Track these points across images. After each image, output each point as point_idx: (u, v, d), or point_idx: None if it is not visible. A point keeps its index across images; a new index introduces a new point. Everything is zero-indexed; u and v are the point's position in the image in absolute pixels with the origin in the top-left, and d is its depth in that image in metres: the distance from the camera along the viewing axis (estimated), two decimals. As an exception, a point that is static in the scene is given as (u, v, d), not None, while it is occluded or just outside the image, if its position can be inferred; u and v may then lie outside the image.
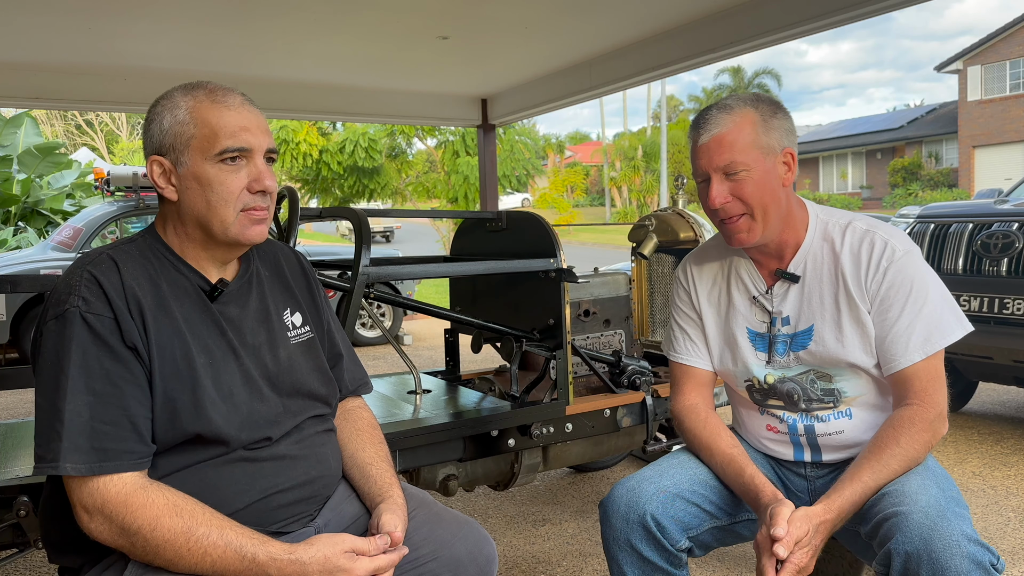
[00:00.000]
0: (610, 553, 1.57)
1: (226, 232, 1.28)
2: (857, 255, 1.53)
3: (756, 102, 1.53)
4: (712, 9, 4.02)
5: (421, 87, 5.92)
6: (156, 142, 1.28)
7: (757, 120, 1.50)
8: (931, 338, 1.47)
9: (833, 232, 1.56)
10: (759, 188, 1.49)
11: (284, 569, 1.16)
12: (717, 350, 1.71)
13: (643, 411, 2.66)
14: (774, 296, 1.61)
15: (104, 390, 1.17)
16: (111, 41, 4.27)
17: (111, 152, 30.70)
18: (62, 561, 1.28)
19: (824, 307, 1.55)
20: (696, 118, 1.56)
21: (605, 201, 34.63)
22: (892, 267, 1.49)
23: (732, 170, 1.49)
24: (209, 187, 1.26)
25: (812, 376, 1.59)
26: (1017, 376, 3.97)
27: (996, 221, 3.93)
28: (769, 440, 1.69)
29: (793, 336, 1.59)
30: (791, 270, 1.58)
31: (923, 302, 1.48)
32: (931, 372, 1.48)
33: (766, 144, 1.49)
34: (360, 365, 1.60)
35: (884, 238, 1.52)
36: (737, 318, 1.66)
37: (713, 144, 1.50)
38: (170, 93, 1.30)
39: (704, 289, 1.73)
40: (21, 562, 2.82)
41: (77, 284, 1.21)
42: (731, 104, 1.52)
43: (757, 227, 1.52)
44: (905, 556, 1.28)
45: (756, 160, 1.48)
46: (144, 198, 6.79)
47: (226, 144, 1.25)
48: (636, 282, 3.07)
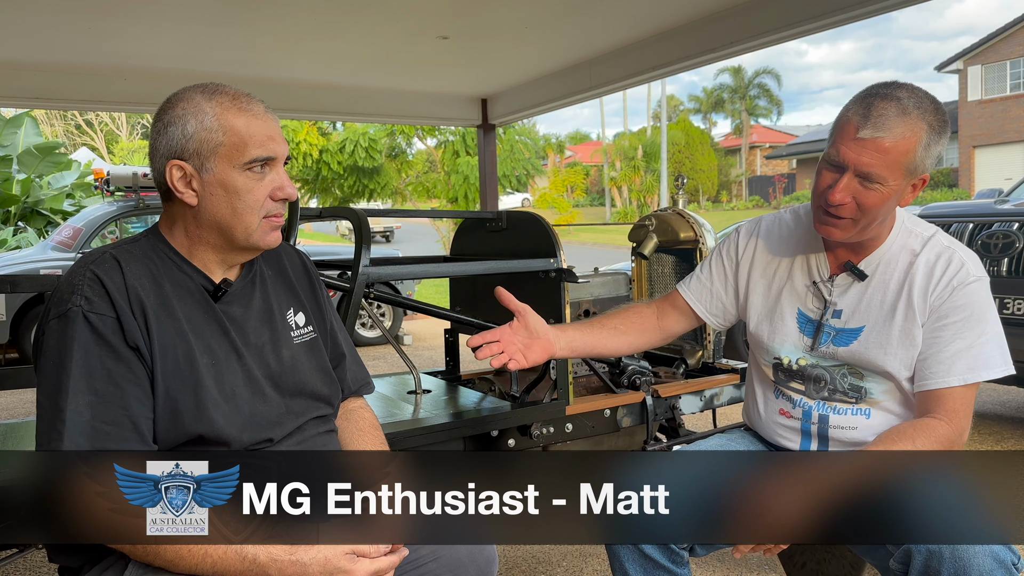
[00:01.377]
0: (612, 550, 1.57)
1: (249, 238, 1.29)
2: (931, 268, 1.50)
3: (934, 114, 1.41)
4: (712, 9, 4.02)
5: (421, 87, 5.92)
6: (177, 146, 1.26)
7: (924, 139, 1.39)
8: (974, 368, 1.45)
9: (914, 242, 1.53)
10: (882, 203, 1.42)
11: (285, 570, 1.16)
12: (756, 319, 1.68)
13: (643, 411, 2.66)
14: (835, 287, 1.58)
15: (106, 390, 1.18)
16: (111, 41, 4.27)
17: (111, 152, 30.70)
18: (62, 561, 1.28)
19: (881, 312, 1.53)
20: (868, 98, 1.40)
21: (605, 201, 34.65)
22: (960, 289, 1.47)
23: (870, 179, 1.40)
24: (236, 195, 1.26)
25: (844, 370, 1.58)
26: (1017, 376, 3.97)
27: (996, 221, 3.93)
28: (780, 426, 1.68)
29: (840, 331, 1.57)
30: (861, 266, 1.55)
31: (979, 333, 1.46)
32: (965, 398, 1.47)
33: (915, 167, 1.41)
34: (362, 365, 1.60)
35: (963, 259, 1.49)
36: (791, 297, 1.63)
37: (871, 146, 1.37)
38: (188, 96, 1.27)
39: (763, 259, 1.68)
40: (21, 562, 2.83)
41: (80, 283, 1.21)
42: (909, 107, 1.38)
43: (855, 230, 1.47)
44: (927, 553, 1.27)
45: (896, 178, 1.40)
46: (144, 198, 6.79)
47: (256, 154, 1.26)
48: (636, 282, 3.07)
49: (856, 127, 1.39)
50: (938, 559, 1.25)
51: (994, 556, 1.24)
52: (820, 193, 1.46)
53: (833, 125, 1.47)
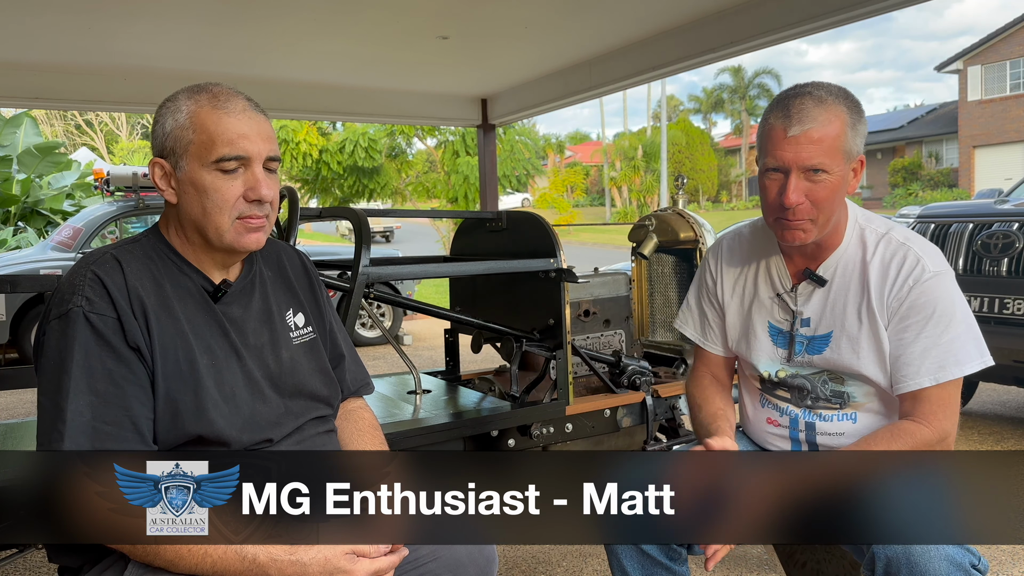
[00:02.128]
0: (610, 548, 1.57)
1: (221, 239, 1.27)
2: (886, 268, 1.47)
3: (847, 99, 1.43)
4: (712, 9, 4.02)
5: (421, 87, 5.92)
6: (159, 144, 1.28)
7: (847, 121, 1.41)
8: (945, 366, 1.42)
9: (868, 239, 1.51)
10: (833, 193, 1.43)
11: (285, 570, 1.16)
12: (735, 337, 1.69)
13: (643, 411, 2.66)
14: (798, 296, 1.57)
15: (106, 390, 1.18)
16: (111, 41, 4.27)
17: (111, 152, 30.69)
18: (62, 561, 1.28)
19: (846, 316, 1.52)
20: (783, 101, 1.43)
21: (605, 201, 34.65)
22: (918, 287, 1.44)
23: (815, 171, 1.40)
24: (205, 194, 1.25)
25: (825, 376, 1.58)
26: (1017, 376, 3.97)
27: (996, 221, 3.93)
28: (769, 434, 1.69)
29: (811, 339, 1.57)
30: (820, 273, 1.54)
31: (944, 328, 1.43)
32: (941, 397, 1.44)
33: (849, 149, 1.42)
34: (362, 365, 1.60)
35: (918, 255, 1.46)
36: (760, 311, 1.63)
37: (804, 140, 1.39)
38: (176, 95, 1.29)
39: (730, 278, 1.69)
40: (21, 562, 2.82)
41: (81, 284, 1.21)
42: (824, 96, 1.41)
43: (815, 229, 1.46)
44: (886, 560, 1.29)
45: (838, 165, 1.41)
46: (144, 198, 6.79)
47: (222, 152, 1.24)
48: (636, 282, 3.07)
49: (784, 129, 1.40)
50: (896, 565, 1.27)
51: (950, 559, 1.25)
52: (772, 203, 1.46)
53: (758, 139, 1.49)
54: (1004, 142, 26.04)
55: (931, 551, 1.25)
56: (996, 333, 3.73)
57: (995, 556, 2.73)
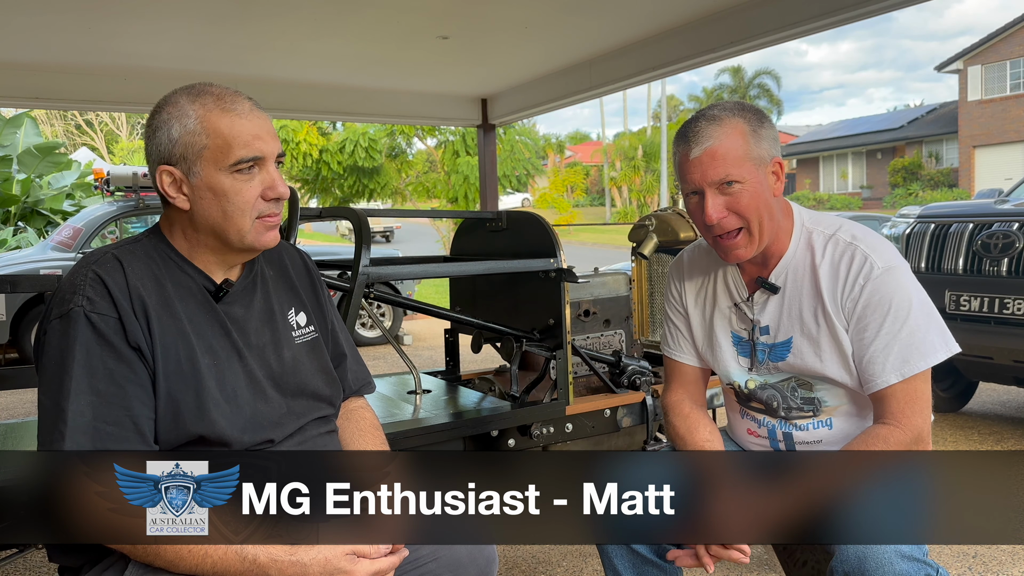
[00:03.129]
0: (602, 548, 1.58)
1: (242, 240, 1.28)
2: (836, 269, 1.47)
3: (742, 111, 1.47)
4: (712, 9, 4.02)
5: (421, 87, 5.92)
6: (164, 152, 1.25)
7: (747, 130, 1.45)
8: (909, 360, 1.41)
9: (816, 242, 1.51)
10: (754, 200, 1.45)
11: (285, 570, 1.15)
12: (701, 348, 1.69)
13: (643, 411, 2.66)
14: (754, 304, 1.57)
15: (107, 390, 1.18)
16: (111, 41, 4.27)
17: (111, 152, 30.69)
18: (62, 561, 1.28)
19: (803, 321, 1.51)
20: (682, 130, 1.50)
21: (605, 201, 34.63)
22: (869, 284, 1.44)
23: (727, 183, 1.44)
24: (225, 197, 1.25)
25: (793, 383, 1.57)
26: (1017, 376, 3.97)
27: (996, 221, 3.93)
28: (751, 444, 1.69)
29: (772, 346, 1.56)
30: (772, 280, 1.54)
31: (903, 322, 1.42)
32: (909, 394, 1.43)
33: (757, 155, 1.45)
34: (363, 365, 1.60)
35: (865, 252, 1.45)
36: (721, 321, 1.64)
37: (706, 158, 1.44)
38: (174, 99, 1.26)
39: (692, 289, 1.70)
40: (21, 562, 2.82)
41: (82, 283, 1.21)
42: (718, 115, 1.46)
43: (754, 241, 1.48)
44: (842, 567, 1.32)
45: (750, 172, 1.44)
46: (144, 198, 6.79)
47: (240, 155, 1.24)
48: (636, 282, 3.07)
49: (687, 154, 1.46)
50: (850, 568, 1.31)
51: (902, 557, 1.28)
52: (701, 224, 1.49)
53: (675, 171, 1.53)
54: (1004, 142, 26.04)
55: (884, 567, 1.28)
56: (996, 333, 3.73)
57: (996, 556, 2.73)
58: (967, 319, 3.85)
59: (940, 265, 4.00)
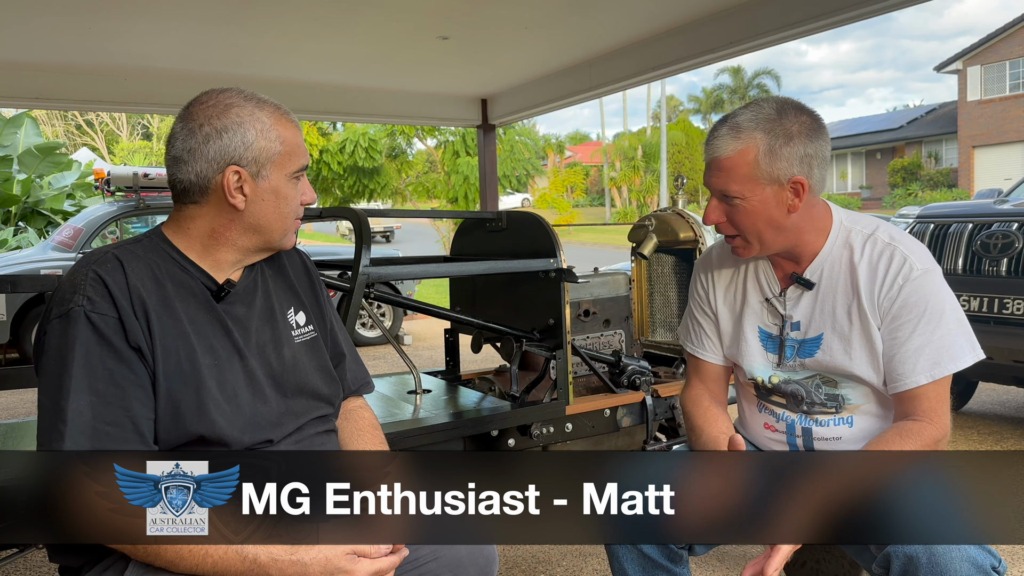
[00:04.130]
0: (611, 549, 1.57)
1: (283, 239, 1.38)
2: (874, 268, 1.48)
3: (771, 126, 1.43)
4: (712, 9, 4.02)
5: (421, 87, 5.92)
6: (235, 153, 1.28)
7: (763, 150, 1.43)
8: (940, 362, 1.44)
9: (854, 241, 1.52)
10: (751, 217, 1.47)
11: (285, 570, 1.16)
12: (728, 344, 1.70)
13: (643, 411, 2.66)
14: (787, 300, 1.59)
15: (107, 390, 1.18)
16: (111, 41, 4.27)
17: (111, 152, 30.70)
18: (62, 561, 1.28)
19: (836, 318, 1.52)
20: (714, 126, 1.51)
21: (605, 201, 34.63)
22: (908, 285, 1.45)
23: (728, 196, 1.48)
24: (284, 200, 1.34)
25: (818, 380, 1.58)
26: (1017, 376, 3.97)
27: (996, 221, 3.93)
28: (767, 439, 1.69)
29: (802, 342, 1.57)
30: (807, 276, 1.55)
31: (936, 325, 1.44)
32: (939, 394, 1.45)
33: (769, 175, 1.44)
34: (362, 365, 1.60)
35: (904, 254, 1.47)
36: (750, 316, 1.64)
37: (713, 167, 1.48)
38: (239, 103, 1.29)
39: (722, 286, 1.70)
40: (21, 562, 2.83)
41: (82, 283, 1.21)
42: (743, 125, 1.45)
43: (752, 247, 1.52)
44: (905, 559, 1.28)
45: (752, 191, 1.45)
46: (144, 198, 6.79)
47: (303, 163, 1.35)
48: (636, 282, 3.07)
49: (705, 152, 1.50)
50: (915, 564, 1.26)
51: (972, 561, 1.25)
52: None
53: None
54: (1004, 142, 26.04)
55: (952, 551, 1.24)
56: (996, 333, 3.73)
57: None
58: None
59: (939, 265, 3.99)
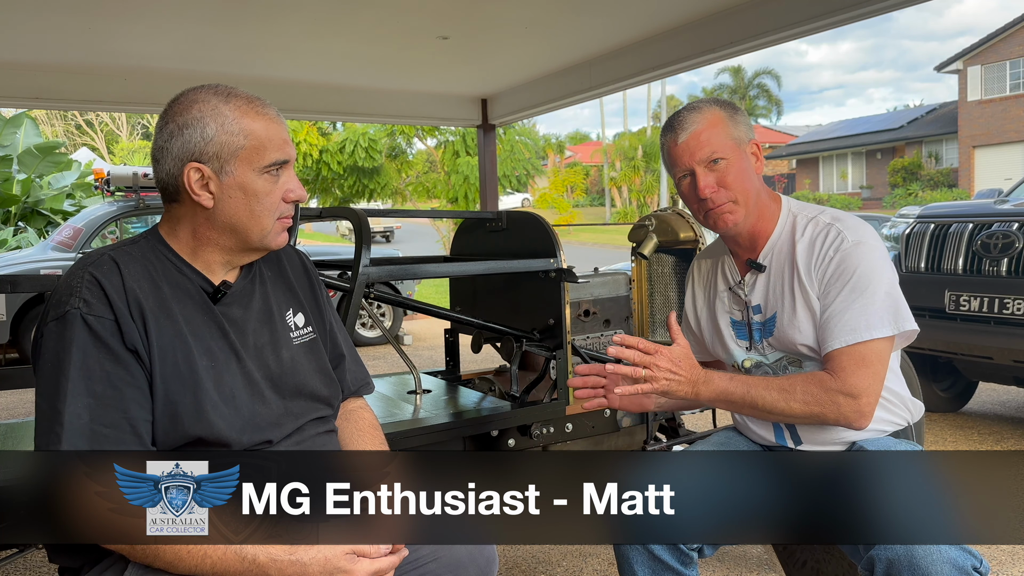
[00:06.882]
0: (620, 551, 1.58)
1: (263, 240, 1.32)
2: (812, 243, 1.60)
3: (718, 103, 1.66)
4: (712, 9, 4.02)
5: (421, 87, 5.92)
6: (196, 149, 1.26)
7: (724, 116, 1.63)
8: (856, 329, 1.50)
9: (799, 224, 1.64)
10: (739, 175, 1.61)
11: (285, 570, 1.15)
12: (709, 341, 1.81)
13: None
14: (746, 285, 1.70)
15: (104, 393, 1.17)
16: (111, 41, 4.27)
17: (111, 152, 30.68)
18: (62, 561, 1.28)
19: (783, 295, 1.62)
20: (668, 123, 1.67)
21: (605, 201, 34.62)
22: (838, 255, 1.55)
23: (714, 161, 1.60)
24: (255, 198, 1.28)
25: (785, 362, 1.65)
26: (1017, 376, 3.97)
27: (996, 221, 3.93)
28: (754, 423, 1.73)
29: (763, 324, 1.67)
30: (760, 260, 1.67)
31: (859, 294, 1.51)
32: (854, 358, 1.50)
33: (736, 136, 1.62)
34: (362, 365, 1.60)
35: (840, 228, 1.58)
36: (721, 309, 1.76)
37: (692, 140, 1.61)
38: (203, 98, 1.27)
39: (701, 281, 1.85)
40: (21, 562, 2.83)
41: (78, 285, 1.21)
42: (697, 105, 1.65)
43: (740, 210, 1.62)
44: (887, 561, 1.30)
45: (732, 150, 1.61)
46: (144, 198, 6.79)
47: (274, 157, 1.29)
48: (636, 282, 3.07)
49: (675, 141, 1.63)
50: (897, 567, 1.28)
51: (952, 562, 1.26)
52: (695, 200, 1.64)
53: (664, 162, 1.72)
54: (1004, 142, 26.03)
55: (933, 552, 1.26)
56: (996, 333, 3.73)
57: (995, 556, 2.73)
58: (967, 319, 3.85)
59: (940, 265, 4.00)
